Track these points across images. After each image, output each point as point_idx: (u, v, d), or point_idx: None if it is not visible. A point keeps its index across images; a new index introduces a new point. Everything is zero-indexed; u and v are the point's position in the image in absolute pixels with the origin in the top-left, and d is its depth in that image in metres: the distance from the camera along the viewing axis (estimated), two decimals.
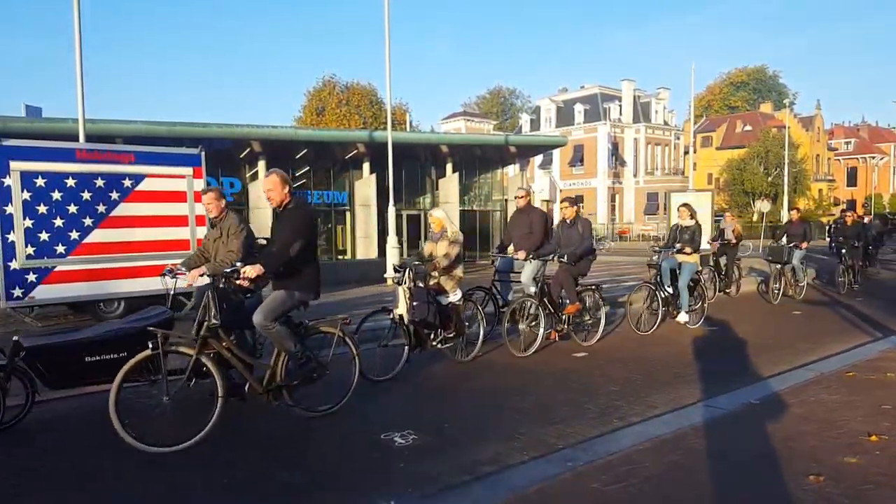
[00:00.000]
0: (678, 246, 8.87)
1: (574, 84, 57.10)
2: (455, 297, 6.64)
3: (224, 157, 17.88)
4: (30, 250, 8.64)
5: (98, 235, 9.12)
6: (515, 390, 5.77)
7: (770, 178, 46.60)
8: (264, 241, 14.35)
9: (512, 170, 27.23)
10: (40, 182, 8.67)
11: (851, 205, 57.96)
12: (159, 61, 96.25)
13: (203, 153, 10.21)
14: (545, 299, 7.47)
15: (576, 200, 8.34)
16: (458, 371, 6.57)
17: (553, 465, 3.78)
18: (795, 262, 11.99)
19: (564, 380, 6.16)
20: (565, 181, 50.26)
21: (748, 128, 56.70)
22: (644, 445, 4.07)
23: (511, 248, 8.04)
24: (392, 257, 15.22)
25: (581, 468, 3.69)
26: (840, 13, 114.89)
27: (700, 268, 9.44)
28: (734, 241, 12.64)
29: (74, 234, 8.95)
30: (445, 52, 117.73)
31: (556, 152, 49.48)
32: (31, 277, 8.68)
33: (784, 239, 12.25)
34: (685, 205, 9.30)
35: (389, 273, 14.97)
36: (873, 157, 66.73)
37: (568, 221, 7.96)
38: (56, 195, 8.79)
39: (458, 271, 6.67)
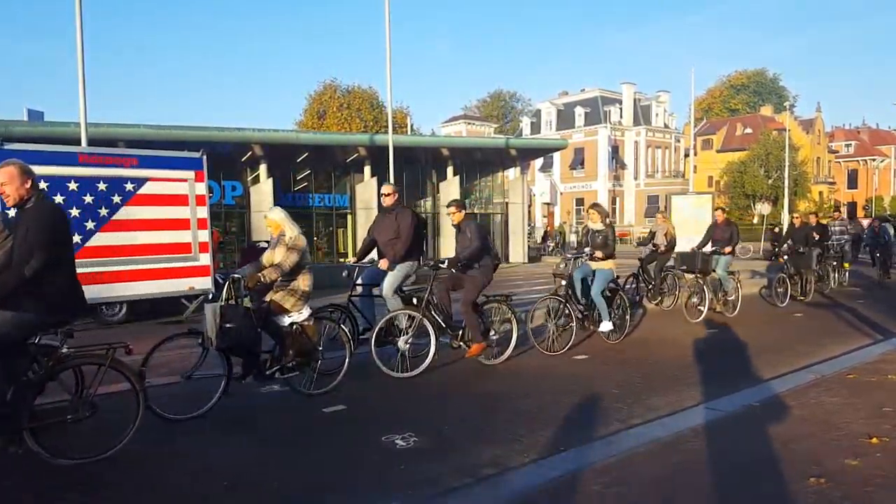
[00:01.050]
0: (587, 251, 7.99)
1: (574, 87, 57.20)
2: (299, 315, 5.44)
3: (226, 160, 17.94)
4: None
5: (100, 239, 9.16)
6: (516, 393, 5.78)
7: (770, 181, 46.62)
8: (265, 244, 14.42)
9: (512, 173, 27.28)
10: (42, 186, 8.65)
11: (852, 207, 58.03)
12: (161, 65, 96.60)
13: (205, 157, 10.25)
14: (433, 312, 6.55)
15: (464, 204, 7.12)
16: (459, 374, 6.57)
17: (553, 468, 3.78)
18: (720, 272, 10.22)
19: (564, 382, 6.17)
20: (566, 184, 50.31)
21: (748, 130, 56.74)
22: (644, 448, 4.07)
23: (374, 255, 7.02)
24: None
25: (580, 471, 3.70)
26: (840, 14, 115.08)
27: (616, 275, 8.35)
28: (664, 247, 10.70)
29: (76, 238, 8.97)
30: (446, 55, 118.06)
31: (556, 155, 49.54)
32: None
33: (709, 245, 10.59)
34: (595, 205, 8.51)
35: None
36: (874, 160, 66.71)
37: (457, 226, 6.87)
38: (58, 199, 8.82)
39: (302, 284, 5.47)
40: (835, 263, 14.12)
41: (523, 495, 3.40)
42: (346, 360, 5.74)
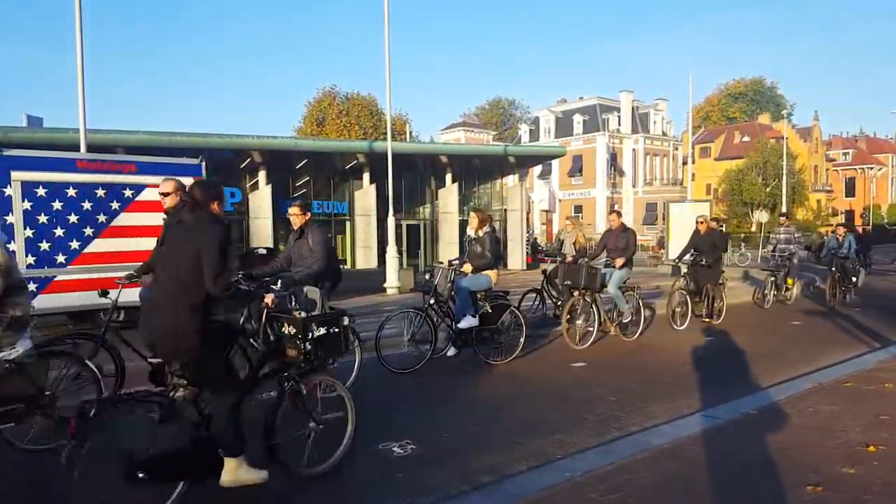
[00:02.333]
0: (455, 263, 7.31)
1: (573, 95, 57.42)
2: (11, 351, 3.75)
3: (225, 167, 17.97)
4: (30, 260, 8.66)
5: (98, 245, 9.15)
6: (513, 400, 5.78)
7: (768, 189, 46.72)
8: (264, 251, 14.41)
9: (511, 180, 27.33)
10: (41, 192, 8.71)
11: (849, 216, 58.18)
12: (160, 71, 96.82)
13: (204, 163, 10.27)
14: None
15: (307, 206, 5.88)
16: (456, 381, 6.57)
17: (551, 475, 3.79)
18: (612, 289, 8.55)
19: (562, 389, 6.17)
20: (564, 191, 50.41)
21: (746, 138, 56.92)
22: (642, 455, 4.08)
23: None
24: (392, 267, 15.27)
25: (579, 478, 3.70)
26: (837, 23, 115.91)
27: (492, 288, 7.40)
28: (571, 257, 9.38)
29: (75, 244, 8.97)
30: (445, 62, 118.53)
31: (555, 163, 49.69)
32: (31, 287, 8.68)
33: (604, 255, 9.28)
34: (476, 210, 7.62)
35: (389, 283, 15.03)
36: (871, 168, 66.95)
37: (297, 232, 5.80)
38: (57, 205, 8.82)
39: (12, 310, 3.80)
40: (773, 279, 12.42)
41: (521, 502, 3.39)
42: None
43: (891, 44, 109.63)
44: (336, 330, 4.03)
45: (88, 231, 9.07)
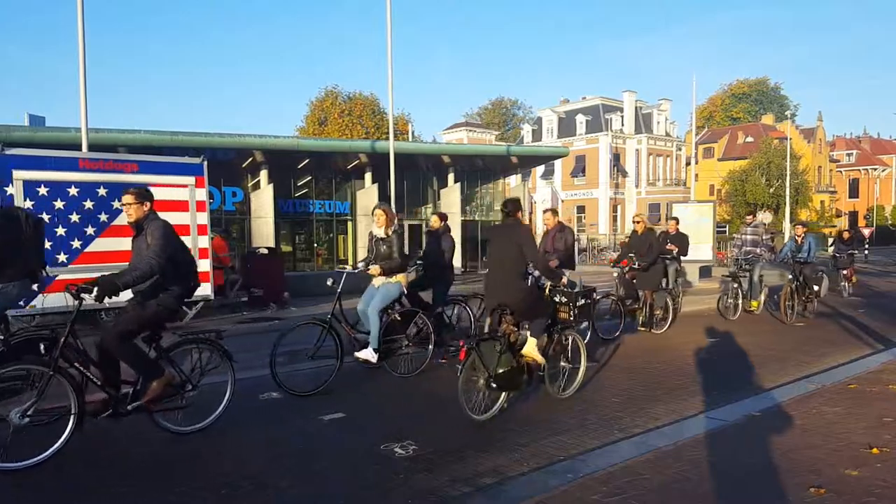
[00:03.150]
0: (360, 265, 6.68)
1: (575, 95, 57.32)
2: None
3: (226, 166, 17.97)
4: None
5: (100, 244, 9.16)
6: (514, 401, 5.74)
7: (772, 190, 46.61)
8: (265, 251, 14.38)
9: (514, 180, 27.32)
10: (43, 191, 8.72)
11: (852, 217, 58.01)
12: (162, 71, 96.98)
13: (205, 162, 10.27)
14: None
15: (145, 193, 5.09)
16: (453, 381, 6.53)
17: (553, 477, 3.77)
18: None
19: None
20: (567, 192, 50.32)
21: (750, 139, 56.80)
22: (645, 457, 4.05)
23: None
24: None
25: (581, 480, 3.68)
26: (841, 24, 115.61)
27: (405, 292, 6.76)
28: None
29: (76, 243, 8.98)
30: (447, 62, 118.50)
31: (557, 163, 49.61)
32: (33, 286, 8.70)
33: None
34: (380, 205, 6.69)
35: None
36: (875, 169, 66.74)
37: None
38: (58, 204, 8.83)
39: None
40: (736, 285, 10.85)
41: None
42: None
43: (895, 45, 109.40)
44: (588, 301, 7.45)
45: (90, 230, 9.08)
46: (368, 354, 6.29)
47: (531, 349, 5.38)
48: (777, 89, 72.64)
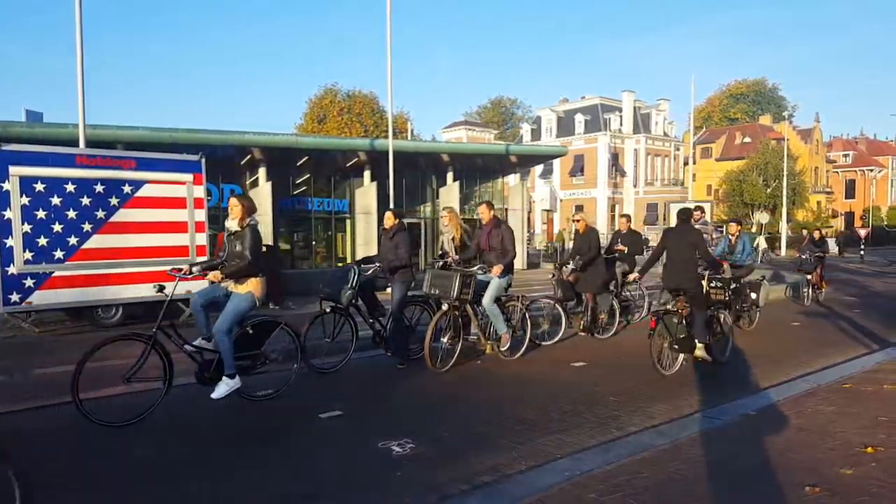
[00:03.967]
0: (196, 269, 5.51)
1: (574, 95, 57.38)
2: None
3: (225, 163, 17.92)
4: (28, 255, 8.65)
5: (97, 241, 9.14)
6: (514, 400, 5.76)
7: (769, 190, 46.68)
8: (264, 249, 14.31)
9: (513, 179, 27.32)
10: (40, 187, 8.70)
11: (849, 217, 58.12)
12: (162, 71, 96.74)
13: (203, 160, 10.26)
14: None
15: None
16: (456, 380, 6.56)
17: (551, 475, 3.77)
18: (486, 304, 7.03)
19: (563, 389, 6.15)
20: (566, 191, 50.35)
21: (747, 139, 56.88)
22: (642, 456, 4.07)
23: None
24: None
25: (578, 478, 3.69)
26: (839, 25, 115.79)
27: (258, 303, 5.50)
28: (452, 258, 7.57)
29: (73, 240, 8.96)
30: (447, 61, 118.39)
31: (556, 162, 49.62)
32: (29, 282, 8.69)
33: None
34: (240, 196, 5.55)
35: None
36: (871, 170, 66.91)
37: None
38: (55, 200, 8.81)
39: None
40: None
41: (520, 502, 3.38)
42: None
43: (892, 46, 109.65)
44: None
45: (87, 227, 9.06)
46: (223, 390, 5.13)
47: (701, 352, 6.75)
48: (775, 90, 72.74)
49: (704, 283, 7.25)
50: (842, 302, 13.66)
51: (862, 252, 30.07)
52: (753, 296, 9.78)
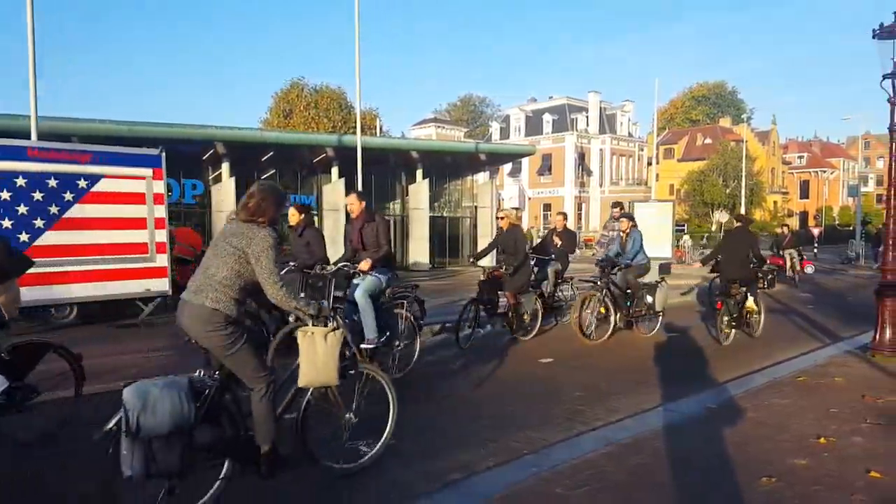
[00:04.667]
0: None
1: (543, 94, 57.93)
2: None
3: (186, 158, 17.51)
4: None
5: (50, 238, 8.81)
6: (482, 397, 5.78)
7: (728, 190, 47.95)
8: None
9: (482, 177, 27.39)
10: None
11: (803, 217, 60.08)
12: (122, 60, 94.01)
13: (164, 154, 9.99)
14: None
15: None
16: (424, 378, 6.54)
17: (519, 472, 3.80)
18: (360, 300, 5.99)
19: (530, 386, 6.20)
20: (534, 189, 50.82)
21: (708, 141, 58.29)
22: (607, 450, 4.13)
23: None
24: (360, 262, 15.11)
25: (545, 473, 3.72)
26: (796, 34, 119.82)
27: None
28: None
29: (24, 237, 8.62)
30: (417, 58, 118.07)
31: (524, 161, 49.99)
32: None
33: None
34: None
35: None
36: (824, 171, 69.42)
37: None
38: (4, 195, 8.46)
39: None
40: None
41: (489, 499, 3.39)
42: None
43: (846, 54, 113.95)
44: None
45: (39, 223, 8.73)
46: None
47: (751, 303, 8.65)
48: (734, 93, 74.69)
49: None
50: (796, 298, 14.09)
51: (815, 250, 31.07)
52: (649, 299, 8.77)
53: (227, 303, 3.27)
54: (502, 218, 8.64)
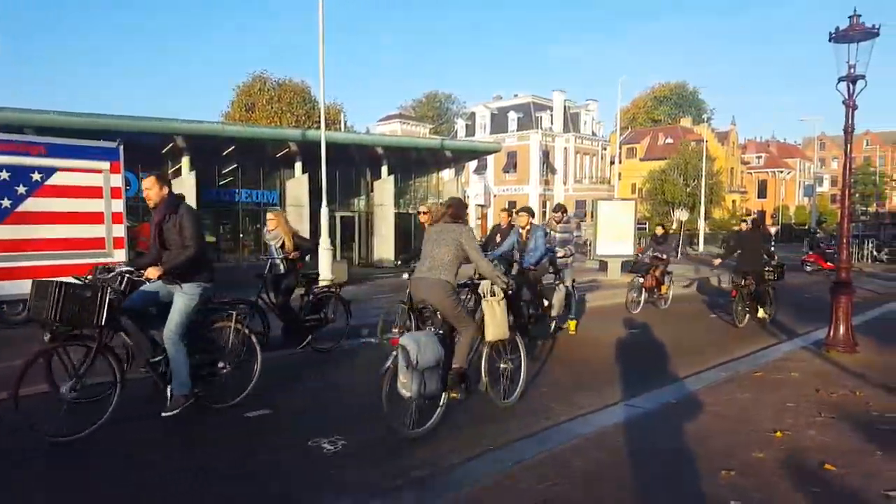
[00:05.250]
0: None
1: (508, 92, 58.10)
2: None
3: (145, 151, 17.04)
4: None
5: (2, 232, 8.49)
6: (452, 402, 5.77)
7: (689, 189, 49.02)
8: None
9: (447, 174, 27.39)
10: None
11: (761, 216, 61.95)
12: (78, 50, 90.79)
13: (122, 147, 9.71)
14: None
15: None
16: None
17: (484, 467, 3.81)
18: (169, 342, 4.73)
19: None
20: (499, 187, 51.04)
21: (669, 140, 59.50)
22: (571, 444, 4.18)
23: None
24: (324, 259, 14.98)
25: (511, 469, 3.74)
26: (754, 38, 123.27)
27: None
28: (281, 260, 7.13)
29: None
30: (382, 53, 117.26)
31: (490, 158, 50.17)
32: None
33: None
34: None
35: (322, 276, 14.74)
36: (781, 171, 71.67)
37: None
38: None
39: None
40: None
41: (454, 495, 3.39)
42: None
43: (803, 59, 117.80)
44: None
45: None
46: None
47: (762, 313, 9.95)
48: (695, 93, 76.37)
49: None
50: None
51: (773, 248, 32.08)
52: (546, 302, 8.00)
53: (452, 277, 4.78)
54: (426, 213, 6.80)
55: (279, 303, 7.04)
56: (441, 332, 4.75)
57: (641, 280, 11.38)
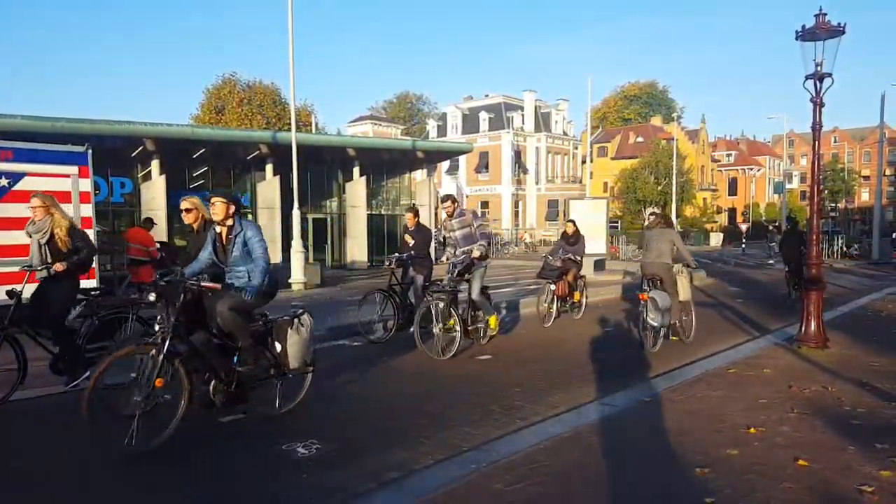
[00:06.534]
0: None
1: (479, 92, 58.26)
2: None
3: (114, 155, 16.67)
4: None
5: None
6: (421, 395, 5.75)
7: (660, 187, 49.78)
8: (158, 245, 13.47)
9: (419, 174, 27.35)
10: None
11: (731, 213, 63.09)
12: (45, 54, 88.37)
13: (90, 151, 9.46)
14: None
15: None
16: (360, 377, 6.46)
17: (458, 468, 3.79)
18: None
19: (468, 383, 6.21)
20: (472, 187, 51.15)
21: (640, 139, 60.32)
22: (545, 444, 4.17)
23: None
24: (297, 262, 14.83)
25: (485, 469, 3.73)
26: (725, 36, 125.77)
27: None
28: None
29: None
30: (352, 55, 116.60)
31: (462, 158, 50.23)
32: None
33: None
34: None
35: (295, 279, 14.59)
36: (751, 169, 73.12)
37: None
38: None
39: None
40: (441, 304, 7.33)
41: (428, 497, 3.36)
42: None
43: (771, 57, 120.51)
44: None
45: None
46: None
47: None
48: (665, 92, 77.53)
49: None
50: (726, 293, 14.77)
51: (743, 245, 32.70)
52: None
53: (669, 260, 7.84)
54: (190, 210, 5.55)
55: (48, 323, 5.62)
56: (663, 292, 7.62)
57: (553, 287, 9.95)
